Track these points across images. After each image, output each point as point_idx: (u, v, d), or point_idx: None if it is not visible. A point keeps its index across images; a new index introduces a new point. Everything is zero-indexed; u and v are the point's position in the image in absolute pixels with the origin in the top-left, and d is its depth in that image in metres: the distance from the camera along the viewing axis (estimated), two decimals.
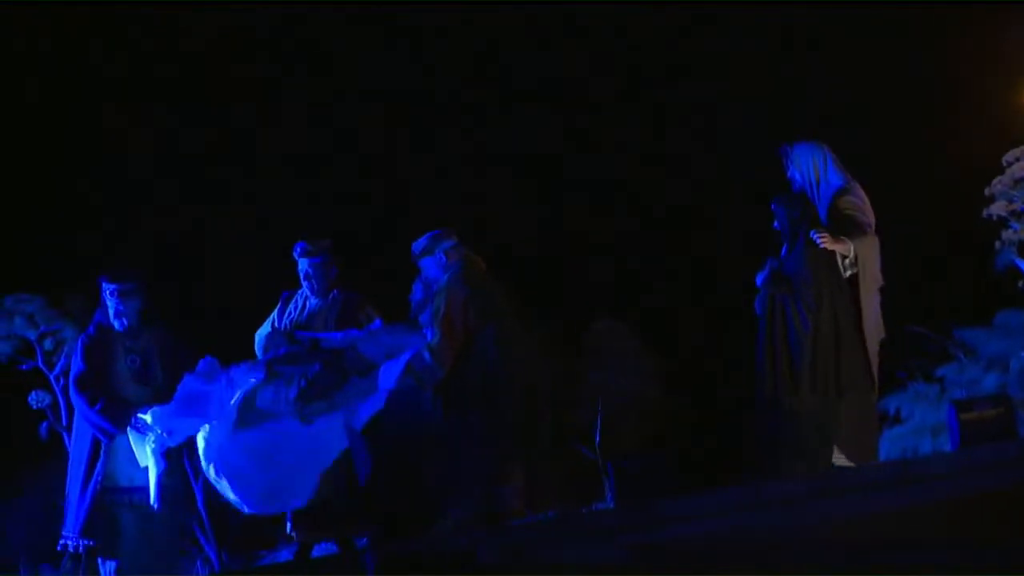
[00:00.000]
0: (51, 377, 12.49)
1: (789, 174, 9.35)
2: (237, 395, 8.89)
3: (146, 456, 8.98)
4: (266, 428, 8.86)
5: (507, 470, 8.69)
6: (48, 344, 14.37)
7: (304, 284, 9.51)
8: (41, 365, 14.18)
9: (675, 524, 7.14)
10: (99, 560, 9.13)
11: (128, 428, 9.03)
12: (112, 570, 9.06)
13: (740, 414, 10.08)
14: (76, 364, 9.33)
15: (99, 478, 9.08)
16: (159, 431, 8.93)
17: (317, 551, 9.10)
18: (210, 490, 9.09)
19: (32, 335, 14.35)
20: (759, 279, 9.21)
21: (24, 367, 14.09)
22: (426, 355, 8.72)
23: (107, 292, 9.37)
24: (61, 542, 9.18)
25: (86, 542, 9.05)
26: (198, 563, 11.08)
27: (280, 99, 16.76)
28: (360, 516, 8.93)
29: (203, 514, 10.04)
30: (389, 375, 8.78)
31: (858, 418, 9.04)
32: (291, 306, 9.56)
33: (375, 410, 8.81)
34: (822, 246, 9.02)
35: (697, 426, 12.72)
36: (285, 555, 9.66)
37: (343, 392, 8.87)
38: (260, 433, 8.85)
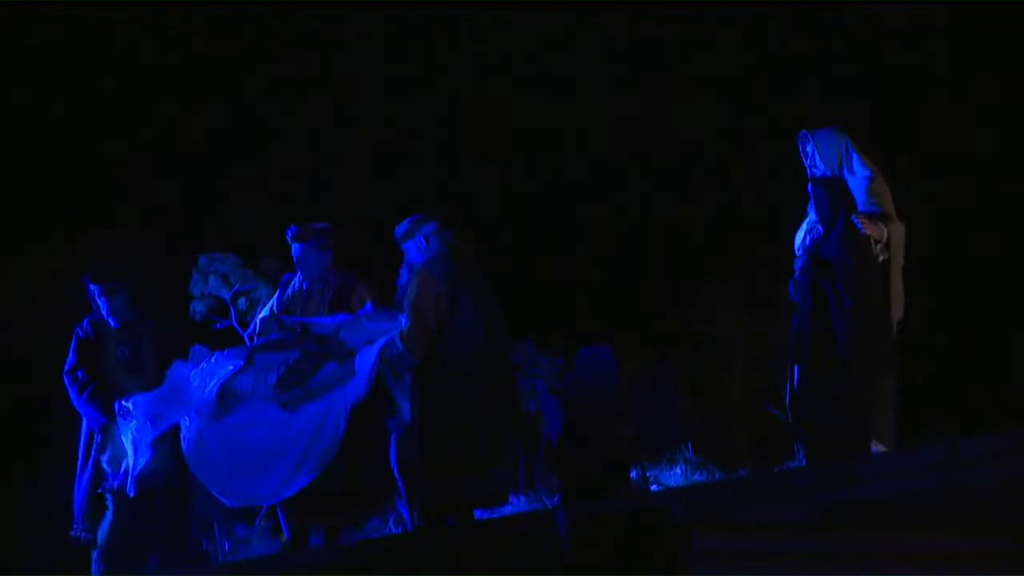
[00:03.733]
0: (245, 336, 12.52)
1: (809, 161, 9.22)
2: (214, 382, 8.91)
3: (128, 444, 8.97)
4: (243, 416, 8.83)
5: (497, 453, 8.75)
6: (242, 304, 14.67)
7: (297, 268, 9.54)
8: (235, 324, 14.52)
9: (867, 483, 7.15)
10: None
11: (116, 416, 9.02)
12: (95, 557, 9.04)
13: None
14: (68, 357, 9.28)
15: (91, 470, 9.08)
16: (141, 418, 8.92)
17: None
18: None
19: (226, 294, 14.70)
20: (797, 266, 9.09)
21: (218, 326, 14.46)
22: (398, 342, 8.69)
23: (94, 293, 9.32)
24: (72, 532, 9.16)
25: (85, 534, 9.09)
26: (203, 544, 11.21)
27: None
28: (353, 503, 8.96)
29: (395, 472, 9.98)
30: (365, 361, 8.75)
31: (885, 398, 8.94)
32: (288, 291, 9.56)
33: (358, 395, 8.75)
34: (863, 231, 8.88)
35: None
36: (478, 514, 9.74)
37: (320, 379, 8.81)
38: (237, 423, 8.82)
